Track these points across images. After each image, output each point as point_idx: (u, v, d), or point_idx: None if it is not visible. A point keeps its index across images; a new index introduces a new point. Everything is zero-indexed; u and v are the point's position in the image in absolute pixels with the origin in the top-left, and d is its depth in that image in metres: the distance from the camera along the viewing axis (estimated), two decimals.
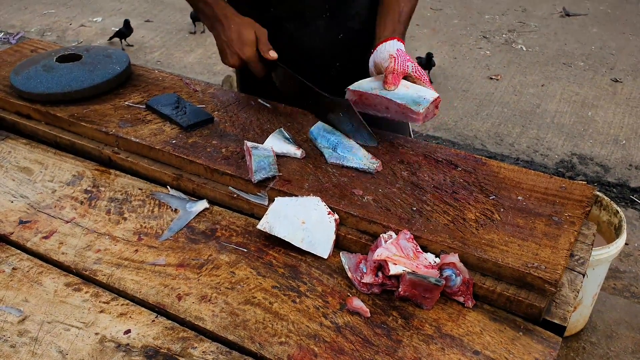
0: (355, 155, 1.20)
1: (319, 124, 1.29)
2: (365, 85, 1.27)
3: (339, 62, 1.50)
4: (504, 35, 4.86)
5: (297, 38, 1.44)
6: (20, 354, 0.87)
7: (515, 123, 3.67)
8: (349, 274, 0.99)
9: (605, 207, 2.21)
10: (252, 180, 1.13)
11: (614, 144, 3.45)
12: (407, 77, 1.26)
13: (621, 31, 4.91)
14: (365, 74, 1.34)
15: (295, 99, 1.37)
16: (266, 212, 1.07)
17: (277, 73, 1.35)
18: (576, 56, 4.49)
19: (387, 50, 1.27)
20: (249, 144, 1.18)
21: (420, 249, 0.99)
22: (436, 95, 1.23)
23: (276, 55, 1.31)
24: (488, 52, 4.58)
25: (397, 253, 0.96)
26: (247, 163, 1.17)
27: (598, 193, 2.26)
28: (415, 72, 1.25)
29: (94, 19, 5.23)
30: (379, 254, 0.95)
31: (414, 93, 1.22)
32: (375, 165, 1.18)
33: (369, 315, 0.92)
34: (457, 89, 4.05)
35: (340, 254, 1.02)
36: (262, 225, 1.05)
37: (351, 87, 1.27)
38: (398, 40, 1.29)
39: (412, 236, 0.99)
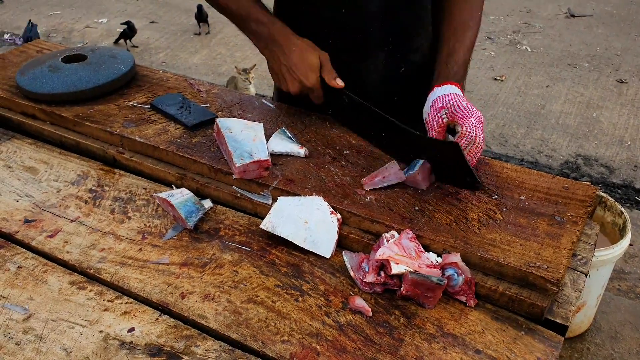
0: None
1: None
2: None
3: (397, 97, 1.41)
4: (508, 36, 4.86)
5: (355, 71, 1.34)
6: (25, 351, 0.88)
7: (519, 124, 3.66)
8: (351, 273, 0.99)
9: (609, 207, 2.21)
10: (188, 227, 1.09)
11: (619, 145, 3.44)
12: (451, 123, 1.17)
13: (626, 32, 4.90)
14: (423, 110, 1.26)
15: (360, 129, 1.29)
16: (269, 212, 1.07)
17: (340, 102, 1.26)
18: (581, 57, 4.48)
19: (427, 104, 1.21)
20: (162, 195, 1.12)
21: (422, 249, 0.99)
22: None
23: (343, 83, 1.23)
24: (492, 53, 4.58)
25: (400, 252, 0.96)
26: (172, 214, 1.12)
27: (602, 194, 2.26)
28: (449, 116, 1.16)
29: (99, 20, 5.25)
30: (381, 253, 0.95)
31: None
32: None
33: (370, 314, 0.93)
34: None
35: (343, 253, 1.02)
36: (265, 225, 1.06)
37: None
38: (442, 85, 1.20)
39: (414, 235, 0.99)
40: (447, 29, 1.30)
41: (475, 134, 1.11)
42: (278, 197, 1.10)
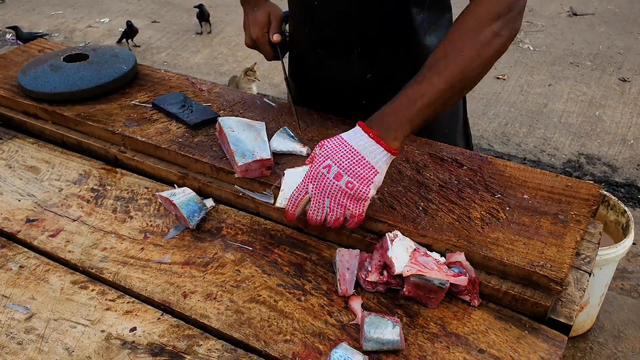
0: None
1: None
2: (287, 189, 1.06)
3: (365, 101, 1.34)
4: None
5: (327, 65, 1.36)
6: (27, 351, 0.88)
7: (522, 123, 3.65)
8: (337, 275, 0.98)
9: (612, 206, 2.20)
10: (190, 226, 1.09)
11: (621, 144, 3.43)
12: None
13: (629, 30, 4.88)
14: None
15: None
16: (280, 189, 1.05)
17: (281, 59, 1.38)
18: (583, 56, 4.47)
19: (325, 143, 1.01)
20: (164, 194, 1.11)
21: (439, 260, 0.96)
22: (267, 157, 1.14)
23: (279, 38, 1.32)
24: None
25: (421, 270, 0.93)
26: (175, 214, 1.12)
27: (605, 193, 2.25)
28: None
29: (101, 20, 5.25)
30: (408, 270, 0.92)
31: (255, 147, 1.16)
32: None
33: (358, 321, 0.92)
34: None
35: (337, 251, 1.01)
36: (280, 202, 1.04)
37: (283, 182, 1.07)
38: (360, 127, 0.99)
39: (426, 251, 0.98)
40: (433, 54, 1.02)
41: (293, 194, 1.00)
42: (284, 171, 1.07)
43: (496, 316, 0.93)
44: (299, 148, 1.21)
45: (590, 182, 1.14)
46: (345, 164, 0.96)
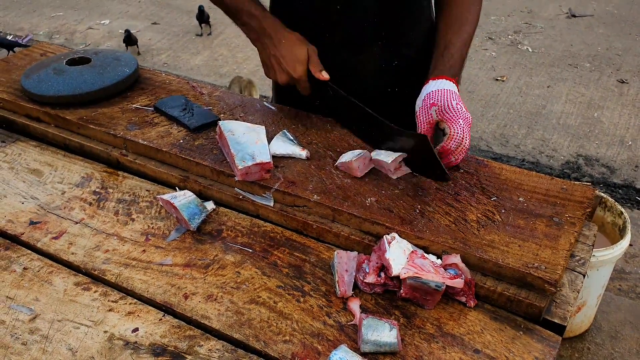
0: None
1: None
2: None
3: (391, 89, 1.44)
4: (509, 37, 4.87)
5: (350, 64, 1.38)
6: (31, 351, 0.89)
7: (520, 124, 3.67)
8: (336, 277, 0.99)
9: (609, 208, 2.22)
10: (191, 229, 1.11)
11: (620, 145, 3.44)
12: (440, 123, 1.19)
13: (627, 32, 4.90)
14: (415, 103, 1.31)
15: (344, 122, 1.34)
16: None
17: (326, 94, 1.30)
18: (582, 57, 4.49)
19: (419, 97, 1.21)
20: (165, 196, 1.13)
21: (436, 262, 0.98)
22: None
23: (328, 76, 1.26)
24: (494, 54, 4.59)
25: (419, 272, 0.95)
26: (176, 216, 1.14)
27: (602, 194, 2.27)
28: (439, 114, 1.17)
29: (102, 22, 5.27)
30: (406, 272, 0.95)
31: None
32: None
33: (357, 320, 0.93)
34: (462, 90, 4.04)
35: (335, 253, 1.02)
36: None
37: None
38: (437, 79, 1.20)
39: (423, 254, 1.00)
40: (444, 23, 1.32)
41: (462, 136, 1.13)
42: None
43: (491, 317, 0.95)
44: (299, 151, 1.23)
45: (585, 184, 1.15)
46: (454, 98, 1.18)
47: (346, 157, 1.19)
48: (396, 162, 1.17)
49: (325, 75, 1.26)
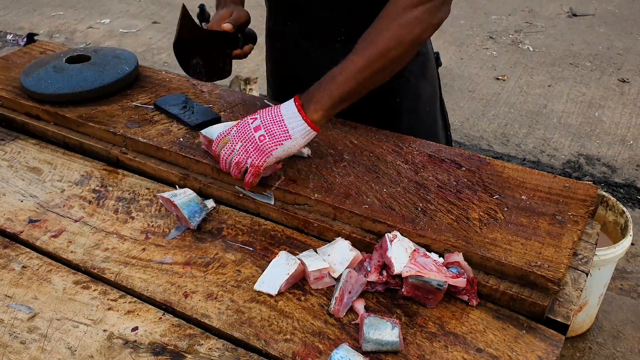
0: None
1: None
2: (216, 130, 1.19)
3: None
4: (510, 36, 4.86)
5: (312, 56, 1.39)
6: (30, 350, 0.89)
7: (521, 123, 3.66)
8: (337, 292, 0.95)
9: (611, 207, 2.21)
10: (191, 227, 1.10)
11: (621, 145, 3.44)
12: None
13: (629, 31, 4.89)
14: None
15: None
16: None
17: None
18: (583, 56, 4.48)
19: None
20: (166, 195, 1.12)
21: (438, 261, 0.97)
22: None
23: (230, 27, 1.25)
24: (494, 53, 4.58)
25: (421, 271, 0.95)
26: (176, 214, 1.13)
27: (604, 193, 2.26)
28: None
29: (102, 21, 5.26)
30: (407, 270, 0.94)
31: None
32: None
33: (358, 321, 0.92)
34: (463, 89, 4.05)
35: (348, 271, 0.97)
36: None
37: (202, 131, 1.21)
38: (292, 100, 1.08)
39: (425, 252, 0.99)
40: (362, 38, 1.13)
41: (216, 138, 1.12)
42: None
43: (494, 316, 0.94)
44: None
45: (588, 183, 1.15)
46: (267, 122, 1.06)
47: (349, 287, 0.97)
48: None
49: (226, 26, 1.26)
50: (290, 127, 1.05)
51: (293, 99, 1.08)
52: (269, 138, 1.05)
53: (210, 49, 1.29)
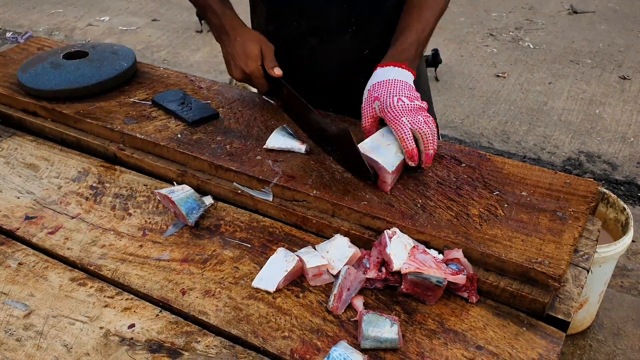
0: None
1: None
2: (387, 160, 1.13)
3: (362, 79, 1.36)
4: (510, 33, 4.84)
5: (319, 53, 1.38)
6: (26, 347, 0.88)
7: (522, 121, 3.65)
8: (335, 289, 0.94)
9: (612, 204, 2.20)
10: (189, 223, 1.09)
11: (621, 142, 3.42)
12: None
13: (629, 28, 4.88)
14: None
15: (296, 120, 1.31)
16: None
17: (280, 91, 1.31)
18: (584, 54, 4.47)
19: (367, 86, 1.19)
20: (163, 191, 1.11)
21: (437, 258, 0.96)
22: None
23: (281, 72, 1.27)
24: (495, 50, 4.56)
25: (420, 268, 0.94)
26: (173, 211, 1.12)
27: (605, 190, 2.25)
28: (382, 111, 1.13)
29: (101, 19, 5.25)
30: (407, 267, 0.93)
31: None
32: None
33: (357, 317, 0.91)
34: (463, 86, 4.04)
35: (346, 268, 0.96)
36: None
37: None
38: (385, 66, 1.18)
39: (424, 249, 0.98)
40: (405, 9, 1.30)
41: (404, 136, 1.09)
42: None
43: (494, 313, 0.93)
44: (298, 145, 1.21)
45: (589, 179, 1.14)
46: (410, 93, 1.13)
47: (347, 284, 0.96)
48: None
49: (277, 72, 1.27)
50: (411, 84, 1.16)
51: (392, 65, 1.17)
52: (419, 101, 1.14)
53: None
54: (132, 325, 0.91)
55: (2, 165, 1.28)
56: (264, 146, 1.23)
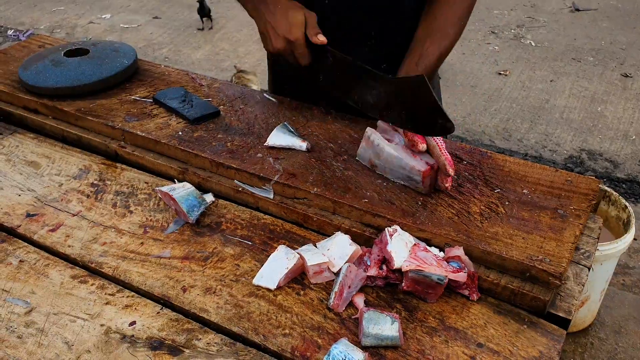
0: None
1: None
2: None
3: None
4: (512, 31, 4.84)
5: (346, 48, 1.27)
6: (27, 344, 0.88)
7: (523, 119, 3.65)
8: (336, 287, 0.94)
9: (613, 202, 2.19)
10: (190, 221, 1.09)
11: (623, 140, 3.42)
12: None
13: (632, 26, 4.87)
14: None
15: (345, 92, 1.22)
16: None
17: (324, 61, 1.22)
18: (586, 51, 4.46)
19: None
20: (164, 189, 1.11)
21: (438, 255, 0.96)
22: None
23: (325, 39, 1.19)
24: (497, 48, 4.56)
25: (421, 265, 0.94)
26: (174, 208, 1.12)
27: (606, 188, 2.25)
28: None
29: (103, 16, 5.25)
30: (407, 265, 0.93)
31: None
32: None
33: (362, 308, 0.91)
34: (465, 84, 4.03)
35: (347, 265, 0.96)
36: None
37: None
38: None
39: (425, 247, 0.98)
40: (425, 30, 1.26)
41: (443, 148, 1.07)
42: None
43: (495, 310, 0.93)
44: (299, 143, 1.21)
45: (590, 177, 1.13)
46: None
47: (348, 282, 0.96)
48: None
49: (322, 38, 1.19)
50: None
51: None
52: None
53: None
54: (133, 323, 0.91)
55: (3, 162, 1.28)
56: (265, 144, 1.23)
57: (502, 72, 4.18)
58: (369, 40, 1.33)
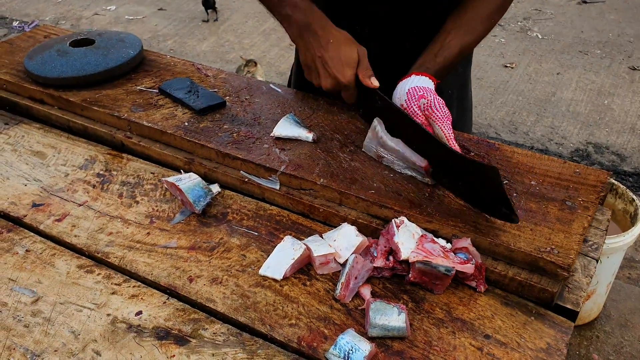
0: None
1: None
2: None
3: None
4: (519, 23, 4.81)
5: (381, 59, 1.25)
6: (34, 333, 0.88)
7: (530, 111, 3.63)
8: (343, 278, 0.93)
9: (620, 195, 2.18)
10: (196, 211, 1.09)
11: (630, 133, 3.40)
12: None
13: (639, 18, 4.83)
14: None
15: (393, 131, 1.14)
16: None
17: (373, 103, 1.16)
18: (593, 44, 4.43)
19: (402, 89, 1.14)
20: (170, 179, 1.11)
21: (446, 247, 0.95)
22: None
23: (378, 84, 1.13)
24: (503, 40, 4.53)
25: (428, 257, 0.93)
26: (181, 199, 1.12)
27: (614, 181, 2.24)
28: (426, 109, 1.09)
29: (108, 8, 5.25)
30: (415, 256, 0.92)
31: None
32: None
33: (368, 298, 0.91)
34: (471, 77, 4.01)
35: (354, 256, 0.96)
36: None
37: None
38: (417, 75, 1.14)
39: (432, 238, 0.97)
40: (452, 22, 1.23)
41: (451, 136, 1.06)
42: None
43: (502, 302, 0.93)
44: (305, 134, 1.21)
45: (599, 169, 1.13)
46: (435, 101, 1.10)
47: (355, 273, 0.95)
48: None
49: (375, 83, 1.13)
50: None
51: (413, 76, 1.15)
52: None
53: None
54: (139, 313, 0.91)
55: (10, 152, 1.28)
56: (271, 134, 1.22)
57: (508, 65, 4.16)
58: (411, 37, 1.30)
